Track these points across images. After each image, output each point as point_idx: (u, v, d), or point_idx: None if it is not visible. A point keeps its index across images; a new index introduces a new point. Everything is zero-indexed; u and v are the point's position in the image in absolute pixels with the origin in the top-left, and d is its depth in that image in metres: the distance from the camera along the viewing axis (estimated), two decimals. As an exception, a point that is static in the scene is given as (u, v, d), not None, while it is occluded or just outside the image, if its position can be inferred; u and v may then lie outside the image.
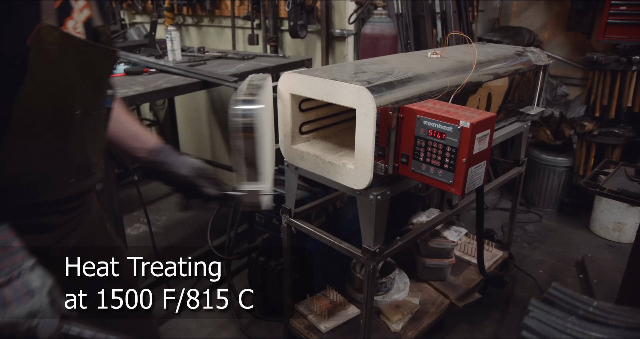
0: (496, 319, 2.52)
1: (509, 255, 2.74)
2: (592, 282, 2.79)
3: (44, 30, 0.81)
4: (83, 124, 0.94)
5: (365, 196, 1.56)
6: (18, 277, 0.75)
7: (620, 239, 3.27)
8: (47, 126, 0.87)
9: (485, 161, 1.43)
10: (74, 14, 0.91)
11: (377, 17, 2.63)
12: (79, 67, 0.88)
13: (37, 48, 0.81)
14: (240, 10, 3.63)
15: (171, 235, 3.40)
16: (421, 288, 2.36)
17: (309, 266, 2.30)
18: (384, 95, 1.44)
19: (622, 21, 3.05)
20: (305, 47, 3.41)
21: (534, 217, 3.65)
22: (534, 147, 3.72)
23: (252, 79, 1.30)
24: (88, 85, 0.92)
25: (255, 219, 2.48)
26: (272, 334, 2.41)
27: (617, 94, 3.15)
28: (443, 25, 3.19)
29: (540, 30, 4.32)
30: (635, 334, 1.01)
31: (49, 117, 0.86)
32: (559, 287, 1.16)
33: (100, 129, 1.04)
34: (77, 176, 0.97)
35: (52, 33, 0.82)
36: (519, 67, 2.06)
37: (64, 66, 0.86)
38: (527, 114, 2.21)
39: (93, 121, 0.98)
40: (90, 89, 0.94)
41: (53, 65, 0.84)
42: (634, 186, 1.91)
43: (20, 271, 0.75)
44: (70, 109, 0.90)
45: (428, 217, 2.35)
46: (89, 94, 0.94)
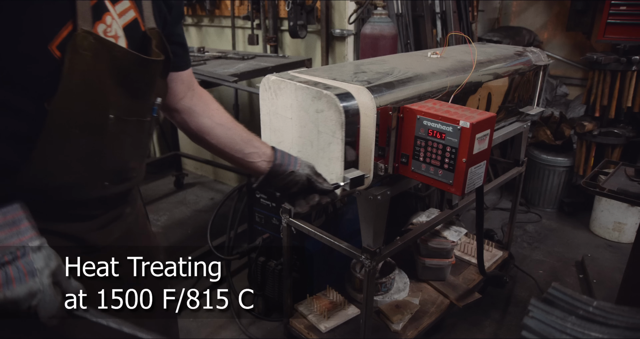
0: (496, 319, 2.52)
1: (509, 255, 2.74)
2: (592, 282, 2.79)
3: (80, 36, 0.80)
4: (120, 129, 0.93)
5: (365, 196, 1.56)
6: (22, 256, 0.76)
7: (620, 239, 3.27)
8: (81, 129, 0.86)
9: (485, 161, 1.43)
10: (106, 17, 0.88)
11: (377, 17, 2.63)
12: (112, 73, 0.87)
13: (73, 53, 0.80)
14: (240, 10, 3.63)
15: (171, 235, 3.40)
16: (421, 288, 2.36)
17: (309, 266, 2.30)
18: (383, 95, 1.44)
19: (622, 21, 3.05)
20: (305, 47, 3.41)
21: (534, 217, 3.65)
22: (534, 147, 3.72)
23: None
24: (122, 91, 0.90)
25: (255, 219, 2.48)
26: (272, 334, 2.41)
27: (617, 94, 3.15)
28: (443, 25, 3.19)
29: (540, 30, 4.32)
30: (635, 334, 1.01)
31: (82, 120, 0.86)
32: (559, 287, 1.16)
33: (143, 136, 1.02)
34: (112, 179, 0.96)
35: (87, 39, 0.81)
36: (519, 67, 2.06)
37: (97, 71, 0.85)
38: (527, 114, 2.21)
39: (133, 127, 0.96)
40: (125, 95, 0.91)
41: (87, 70, 0.83)
42: (633, 186, 1.91)
43: (25, 251, 0.76)
44: (102, 113, 0.88)
45: (428, 217, 2.35)
46: (124, 100, 0.91)
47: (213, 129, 1.19)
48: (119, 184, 0.99)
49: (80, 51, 0.81)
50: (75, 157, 0.88)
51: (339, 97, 1.34)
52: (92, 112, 0.87)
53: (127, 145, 0.97)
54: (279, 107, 1.55)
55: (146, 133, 1.03)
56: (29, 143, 0.83)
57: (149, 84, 0.98)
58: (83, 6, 0.82)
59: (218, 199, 3.92)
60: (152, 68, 0.96)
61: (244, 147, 1.20)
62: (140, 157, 1.04)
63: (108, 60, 0.85)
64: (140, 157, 1.05)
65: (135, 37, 0.94)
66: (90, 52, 0.82)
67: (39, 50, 0.80)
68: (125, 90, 0.91)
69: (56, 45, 0.80)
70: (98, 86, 0.86)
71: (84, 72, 0.83)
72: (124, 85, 0.90)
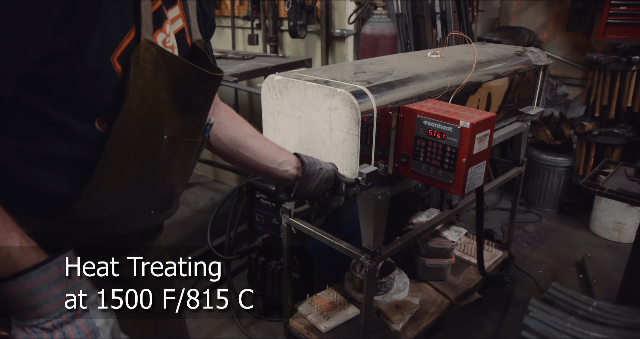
0: (496, 319, 2.52)
1: (509, 255, 2.74)
2: (592, 282, 2.79)
3: (143, 47, 0.70)
4: (171, 151, 0.83)
5: (365, 196, 1.56)
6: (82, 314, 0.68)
7: (620, 239, 3.27)
8: (135, 152, 0.76)
9: (485, 161, 1.43)
10: (166, 25, 0.78)
11: (377, 17, 2.63)
12: (169, 89, 0.77)
13: (136, 67, 0.70)
14: (240, 10, 3.63)
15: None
16: (421, 288, 2.36)
17: (309, 266, 2.30)
18: (383, 95, 1.44)
19: (622, 21, 3.05)
20: (305, 47, 3.41)
21: (534, 217, 3.65)
22: (533, 147, 3.72)
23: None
24: (176, 108, 0.80)
25: (255, 219, 2.48)
26: (272, 334, 2.41)
27: (617, 94, 3.15)
28: (443, 25, 3.19)
29: (540, 30, 4.32)
30: (635, 334, 1.01)
31: (138, 142, 0.76)
32: (559, 287, 1.16)
33: (192, 158, 0.93)
34: (158, 207, 0.88)
35: (150, 50, 0.71)
36: (519, 67, 2.06)
37: (156, 87, 0.75)
38: (527, 114, 2.21)
39: (184, 149, 0.87)
40: (181, 114, 0.82)
41: (147, 86, 0.73)
42: (633, 186, 1.91)
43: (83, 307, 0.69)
44: (158, 133, 0.79)
45: (428, 217, 2.35)
46: (179, 119, 0.82)
47: (246, 141, 1.14)
48: (163, 212, 0.91)
49: (142, 64, 0.71)
50: (125, 184, 0.79)
51: (353, 94, 1.36)
52: (148, 133, 0.77)
53: (177, 168, 0.88)
54: (284, 107, 1.55)
55: (195, 155, 0.94)
56: (84, 172, 0.73)
57: (206, 102, 0.89)
58: (146, 11, 0.71)
59: (218, 199, 3.92)
60: (212, 84, 0.87)
61: (277, 157, 1.17)
62: (185, 181, 0.96)
63: (167, 74, 0.75)
64: (185, 181, 0.96)
65: (182, 49, 0.85)
66: (150, 66, 0.72)
67: (103, 63, 0.69)
68: (181, 108, 0.81)
69: (117, 57, 0.70)
70: (155, 104, 0.76)
71: (144, 88, 0.73)
72: (180, 102, 0.80)
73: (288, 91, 1.52)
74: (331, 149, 1.46)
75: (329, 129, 1.44)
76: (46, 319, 0.66)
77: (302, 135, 1.54)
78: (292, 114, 1.53)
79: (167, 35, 0.78)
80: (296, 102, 1.50)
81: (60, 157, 0.73)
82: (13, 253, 0.65)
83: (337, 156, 1.45)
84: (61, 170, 0.74)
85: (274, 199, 2.35)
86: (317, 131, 1.48)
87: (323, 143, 1.48)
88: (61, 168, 0.73)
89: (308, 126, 1.50)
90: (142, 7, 0.70)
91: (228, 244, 2.53)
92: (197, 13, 0.90)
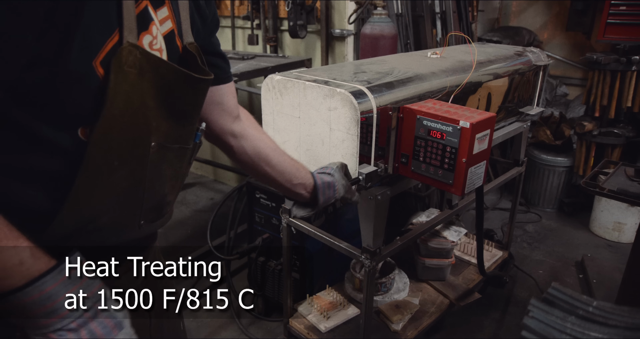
0: (496, 319, 2.52)
1: (509, 255, 2.74)
2: (591, 282, 2.79)
3: (126, 50, 0.67)
4: (160, 159, 0.80)
5: (365, 196, 1.56)
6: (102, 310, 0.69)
7: (620, 239, 3.27)
8: (120, 161, 0.73)
9: (485, 161, 1.43)
10: (152, 26, 0.75)
11: (377, 17, 2.63)
12: (156, 94, 0.74)
13: (117, 71, 0.67)
14: (240, 10, 3.63)
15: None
16: (421, 288, 2.36)
17: (309, 266, 2.30)
18: (383, 95, 1.44)
19: (622, 21, 3.05)
20: (305, 47, 3.41)
21: (534, 217, 3.65)
22: (533, 147, 3.72)
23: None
24: (164, 113, 0.77)
25: (255, 219, 2.48)
26: (272, 334, 2.41)
27: (616, 94, 3.15)
28: (443, 25, 3.19)
29: (540, 30, 4.32)
30: (635, 334, 1.01)
31: (123, 150, 0.73)
32: (559, 287, 1.16)
33: (183, 165, 0.89)
34: (148, 217, 0.85)
35: (133, 53, 0.68)
36: (519, 67, 2.06)
37: (141, 92, 0.71)
38: (526, 114, 2.21)
39: (174, 156, 0.84)
40: (169, 119, 0.79)
41: (130, 91, 0.70)
42: (633, 186, 1.91)
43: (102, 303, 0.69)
44: (144, 140, 0.76)
45: (428, 217, 2.35)
46: (167, 125, 0.79)
47: (268, 155, 1.12)
48: (154, 222, 0.88)
49: (125, 68, 0.68)
50: (112, 194, 0.75)
51: (353, 94, 1.36)
52: (134, 140, 0.74)
53: (167, 176, 0.85)
54: (284, 107, 1.55)
55: (187, 162, 0.91)
56: (63, 183, 0.70)
57: (195, 107, 0.86)
58: (129, 12, 0.68)
59: (218, 199, 3.92)
60: (201, 88, 0.84)
61: (292, 177, 1.16)
62: (177, 190, 0.92)
63: (153, 78, 0.72)
64: (177, 190, 0.93)
65: (172, 52, 0.82)
66: (134, 70, 0.69)
67: (86, 67, 0.66)
68: (170, 113, 0.78)
69: (100, 61, 0.66)
70: (141, 109, 0.73)
71: (127, 93, 0.69)
72: (168, 107, 0.77)
73: (288, 91, 1.52)
74: (331, 149, 1.46)
75: (329, 129, 1.44)
76: (71, 319, 0.66)
77: (301, 135, 1.54)
78: (292, 114, 1.54)
79: (154, 37, 0.75)
80: (296, 102, 1.51)
81: (39, 171, 0.70)
82: (25, 259, 0.63)
83: (336, 156, 1.45)
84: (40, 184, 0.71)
85: (274, 199, 2.35)
86: (317, 131, 1.48)
87: (323, 143, 1.48)
88: (40, 182, 0.71)
89: (308, 126, 1.50)
90: (125, 8, 0.68)
91: (228, 244, 2.53)
92: (192, 14, 0.87)
